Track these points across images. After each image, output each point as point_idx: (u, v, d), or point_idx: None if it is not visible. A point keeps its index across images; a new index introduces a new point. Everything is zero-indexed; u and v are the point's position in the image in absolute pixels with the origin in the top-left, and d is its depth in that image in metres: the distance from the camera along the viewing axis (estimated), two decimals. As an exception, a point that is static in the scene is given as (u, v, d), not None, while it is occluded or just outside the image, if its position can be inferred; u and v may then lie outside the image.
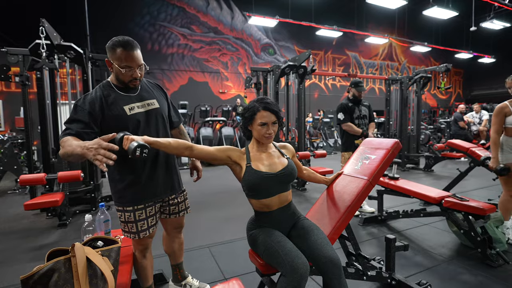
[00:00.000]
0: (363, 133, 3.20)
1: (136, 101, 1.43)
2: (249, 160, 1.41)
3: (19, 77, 3.53)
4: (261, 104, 1.39)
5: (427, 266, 2.13)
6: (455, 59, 15.56)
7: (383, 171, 1.71)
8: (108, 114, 1.34)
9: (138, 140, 1.19)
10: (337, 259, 1.27)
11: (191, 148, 1.37)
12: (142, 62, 1.38)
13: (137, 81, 1.40)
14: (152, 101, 1.49)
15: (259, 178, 1.37)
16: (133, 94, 1.44)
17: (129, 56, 1.31)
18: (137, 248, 1.54)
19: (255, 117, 1.39)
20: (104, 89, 1.39)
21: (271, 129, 1.39)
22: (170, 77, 10.58)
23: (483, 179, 4.79)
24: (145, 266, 1.57)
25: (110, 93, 1.38)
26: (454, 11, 9.81)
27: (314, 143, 9.54)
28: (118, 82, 1.41)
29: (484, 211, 2.12)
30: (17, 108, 7.00)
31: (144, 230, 1.46)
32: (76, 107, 1.33)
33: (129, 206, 1.44)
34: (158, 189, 1.51)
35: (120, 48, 1.30)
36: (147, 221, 1.47)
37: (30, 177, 2.97)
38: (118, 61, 1.31)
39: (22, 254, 2.47)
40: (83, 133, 1.26)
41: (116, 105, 1.36)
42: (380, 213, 3.02)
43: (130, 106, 1.40)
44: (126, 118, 1.37)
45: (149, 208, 1.48)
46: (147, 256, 1.57)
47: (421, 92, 6.36)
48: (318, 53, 13.40)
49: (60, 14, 7.97)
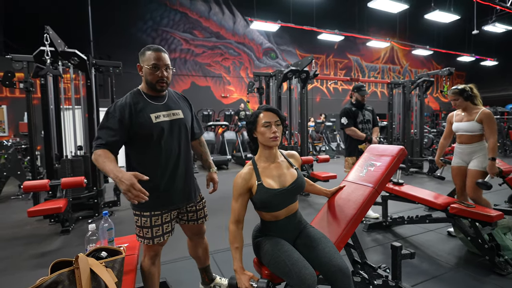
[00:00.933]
0: (367, 137, 3.18)
1: (163, 110, 1.48)
2: (259, 177, 1.38)
3: (24, 83, 3.55)
4: (262, 107, 1.43)
5: (434, 274, 2.09)
6: (457, 62, 15.52)
7: (388, 178, 1.69)
8: (135, 121, 1.40)
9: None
10: (346, 268, 1.25)
11: (239, 223, 1.39)
12: (169, 63, 1.47)
13: (164, 83, 1.45)
14: (177, 111, 1.54)
15: (272, 196, 1.36)
16: (160, 103, 1.49)
17: (157, 56, 1.42)
18: (148, 254, 1.54)
19: (258, 119, 1.39)
20: (134, 97, 1.45)
21: (275, 128, 1.37)
22: (173, 82, 10.61)
23: (488, 184, 4.73)
24: (153, 274, 1.57)
25: (139, 101, 1.44)
26: (456, 15, 9.80)
27: (316, 147, 9.51)
28: (147, 89, 1.49)
29: (491, 217, 2.09)
30: (21, 113, 7.04)
31: (158, 236, 1.48)
32: (107, 114, 1.39)
33: (147, 212, 1.46)
34: (175, 198, 1.53)
35: (149, 51, 1.43)
36: (162, 227, 1.49)
37: (33, 184, 2.97)
38: (147, 61, 1.42)
39: (24, 262, 2.46)
40: (112, 142, 1.34)
41: (143, 112, 1.42)
42: (384, 219, 2.99)
43: (157, 114, 1.45)
44: (152, 125, 1.42)
45: (165, 214, 1.50)
46: (156, 264, 1.58)
47: (424, 96, 6.34)
48: (319, 57, 13.41)
49: (63, 20, 8.05)
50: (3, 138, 6.65)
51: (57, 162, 3.67)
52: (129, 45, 9.84)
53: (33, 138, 3.64)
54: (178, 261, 2.39)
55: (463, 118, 2.59)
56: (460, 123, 2.61)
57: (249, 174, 1.39)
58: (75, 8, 8.47)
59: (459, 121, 2.62)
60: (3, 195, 4.87)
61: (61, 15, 8.25)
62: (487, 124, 2.45)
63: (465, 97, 2.54)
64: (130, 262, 1.55)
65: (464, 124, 2.57)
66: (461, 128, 2.61)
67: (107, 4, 9.23)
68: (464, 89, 2.55)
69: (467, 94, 2.54)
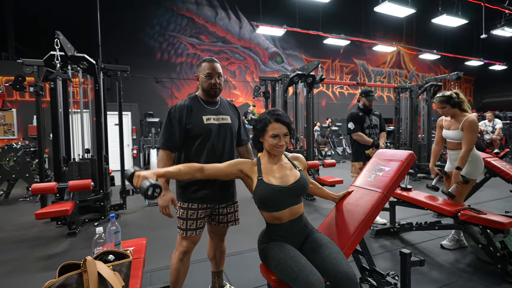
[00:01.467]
0: (374, 143, 3.15)
1: (214, 114, 1.66)
2: (260, 173, 1.41)
3: (34, 87, 3.61)
4: (273, 116, 1.39)
5: (444, 282, 2.05)
6: (465, 66, 15.36)
7: (397, 183, 1.67)
8: (189, 121, 1.60)
9: (149, 178, 1.20)
10: (353, 274, 1.22)
11: (202, 169, 1.39)
12: (221, 71, 1.65)
13: (216, 88, 1.64)
14: (226, 117, 1.70)
15: (271, 191, 1.35)
16: (212, 108, 1.68)
17: (211, 66, 1.62)
18: (179, 249, 1.63)
19: (267, 129, 1.39)
20: (191, 100, 1.67)
21: (283, 140, 1.39)
22: (179, 86, 10.71)
23: (499, 190, 4.64)
24: (179, 270, 1.65)
25: (195, 104, 1.65)
26: (463, 19, 9.72)
27: (322, 151, 9.47)
28: (203, 95, 1.68)
29: (503, 225, 2.04)
30: (30, 116, 7.16)
31: (191, 229, 1.59)
32: (169, 114, 1.61)
33: (185, 203, 1.59)
34: (213, 195, 1.62)
35: (204, 62, 1.64)
36: (196, 222, 1.59)
37: (41, 186, 3.00)
38: (202, 71, 1.63)
39: (31, 264, 2.48)
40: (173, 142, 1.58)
41: (197, 114, 1.62)
42: (392, 225, 2.94)
43: (208, 116, 1.63)
44: (202, 126, 1.60)
45: (200, 210, 1.60)
46: (184, 261, 1.65)
47: (432, 100, 6.27)
48: (325, 62, 13.41)
49: (73, 25, 8.21)
50: (12, 141, 6.76)
51: (65, 165, 3.71)
52: (137, 50, 9.99)
53: (42, 141, 3.68)
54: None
55: (451, 125, 2.58)
56: (448, 130, 2.60)
57: (252, 164, 1.46)
58: (84, 13, 8.64)
59: (448, 129, 2.61)
60: (11, 197, 4.94)
61: (71, 20, 8.42)
62: (465, 132, 2.42)
63: (452, 104, 2.50)
64: (136, 265, 1.55)
65: (451, 132, 2.56)
66: (448, 136, 2.61)
67: (115, 9, 9.40)
68: (451, 96, 2.50)
69: (454, 101, 2.50)
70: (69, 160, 3.82)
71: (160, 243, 2.84)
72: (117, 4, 9.41)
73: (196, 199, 1.58)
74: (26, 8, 8.39)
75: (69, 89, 3.92)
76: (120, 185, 4.10)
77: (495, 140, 6.98)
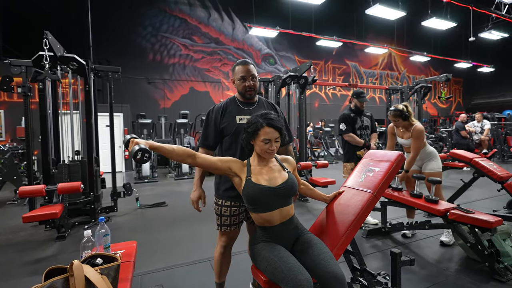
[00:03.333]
0: (365, 143, 3.18)
1: (248, 114, 1.67)
2: (249, 173, 1.41)
3: (22, 88, 3.54)
4: (265, 120, 1.39)
5: (434, 281, 2.07)
6: (455, 68, 15.66)
7: (387, 184, 1.68)
8: (223, 121, 1.68)
9: (140, 144, 1.23)
10: (341, 275, 1.23)
11: (194, 156, 1.40)
12: (254, 73, 1.68)
13: (252, 91, 1.68)
14: None
15: (258, 191, 1.36)
16: (248, 108, 1.72)
17: (244, 69, 1.66)
18: (219, 243, 1.72)
19: (259, 133, 1.38)
20: (229, 101, 1.73)
21: (274, 145, 1.39)
22: (172, 87, 10.64)
23: (487, 190, 4.73)
24: (221, 262, 1.73)
25: (232, 105, 1.72)
26: (452, 22, 9.93)
27: (315, 152, 9.51)
28: (240, 96, 1.74)
29: (490, 223, 2.07)
30: (18, 118, 7.01)
31: (225, 225, 1.66)
32: (208, 115, 1.73)
33: (219, 200, 1.68)
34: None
35: (238, 66, 1.68)
36: (230, 219, 1.66)
37: (29, 189, 2.94)
38: (237, 75, 1.67)
39: (18, 268, 2.42)
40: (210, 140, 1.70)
41: (231, 113, 1.69)
42: (383, 225, 2.97)
43: (241, 116, 1.68)
44: (235, 125, 1.66)
45: (234, 208, 1.65)
46: (225, 254, 1.73)
47: (422, 102, 6.38)
48: (318, 63, 13.51)
49: (63, 25, 8.09)
50: (0, 143, 6.62)
51: (54, 167, 3.64)
52: (129, 51, 9.90)
53: (30, 143, 3.61)
54: (177, 267, 2.36)
55: (403, 134, 2.92)
56: (402, 139, 2.95)
57: (242, 165, 1.47)
58: (75, 13, 8.52)
59: (401, 137, 2.96)
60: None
61: (61, 20, 8.29)
62: (413, 140, 2.78)
63: (404, 117, 2.81)
64: (126, 269, 1.53)
65: (405, 140, 2.92)
66: (403, 143, 2.97)
67: (107, 9, 9.29)
68: (402, 110, 2.79)
69: (405, 115, 2.80)
70: (58, 162, 3.75)
71: (152, 246, 2.81)
72: (108, 4, 9.31)
73: (229, 197, 1.64)
74: (14, 7, 8.22)
75: (58, 90, 3.86)
76: (111, 187, 4.05)
77: (483, 141, 7.13)
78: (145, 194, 5.09)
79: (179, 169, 7.00)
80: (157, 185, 6.10)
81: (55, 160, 3.80)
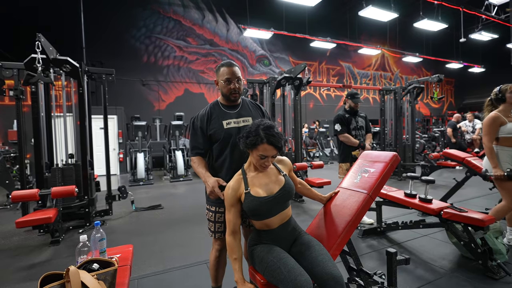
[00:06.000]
0: (360, 144, 3.21)
1: (234, 117, 1.67)
2: (247, 186, 1.40)
3: (14, 91, 3.48)
4: (266, 136, 1.35)
5: (429, 279, 2.10)
6: (446, 69, 15.89)
7: (382, 184, 1.70)
8: (210, 127, 1.65)
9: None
10: (339, 276, 1.24)
11: (236, 233, 1.41)
12: (240, 75, 1.64)
13: (236, 93, 1.64)
14: (248, 118, 1.70)
15: (258, 203, 1.36)
16: (232, 111, 1.68)
17: (229, 71, 1.61)
18: (214, 247, 1.71)
19: (257, 147, 1.36)
20: (212, 107, 1.69)
21: (270, 161, 1.40)
22: (166, 89, 10.59)
23: (480, 188, 4.81)
24: (216, 267, 1.73)
25: (215, 110, 1.68)
26: (443, 23, 10.08)
27: (310, 153, 9.56)
28: (223, 100, 1.70)
29: (483, 222, 2.11)
30: (10, 121, 6.91)
31: (219, 232, 1.65)
32: (193, 124, 1.69)
33: (212, 207, 1.65)
34: None
35: (223, 67, 1.63)
36: (223, 225, 1.62)
37: (22, 193, 2.90)
38: (221, 76, 1.62)
39: (12, 274, 2.38)
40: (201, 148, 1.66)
41: (217, 119, 1.65)
42: (379, 225, 3.00)
43: (228, 121, 1.65)
44: (222, 130, 1.63)
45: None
46: (220, 259, 1.72)
47: (415, 102, 6.45)
48: (312, 64, 13.59)
49: (56, 27, 8.00)
50: (-9, 147, 6.51)
51: (47, 171, 3.60)
52: (122, 52, 9.83)
53: (22, 147, 3.56)
54: (174, 270, 2.35)
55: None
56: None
57: (237, 183, 1.42)
58: (68, 15, 8.43)
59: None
60: (-10, 205, 4.74)
61: (53, 22, 8.20)
62: None
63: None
64: (122, 273, 1.51)
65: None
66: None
67: (100, 11, 9.23)
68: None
69: None
70: (51, 165, 3.70)
71: (148, 249, 2.79)
72: (102, 6, 9.25)
73: (222, 203, 1.58)
74: (6, 8, 8.10)
75: (51, 92, 3.81)
76: (106, 191, 4.01)
77: (475, 140, 7.23)
78: (141, 197, 5.05)
79: (174, 171, 6.97)
80: (153, 188, 6.06)
81: (49, 163, 3.75)
